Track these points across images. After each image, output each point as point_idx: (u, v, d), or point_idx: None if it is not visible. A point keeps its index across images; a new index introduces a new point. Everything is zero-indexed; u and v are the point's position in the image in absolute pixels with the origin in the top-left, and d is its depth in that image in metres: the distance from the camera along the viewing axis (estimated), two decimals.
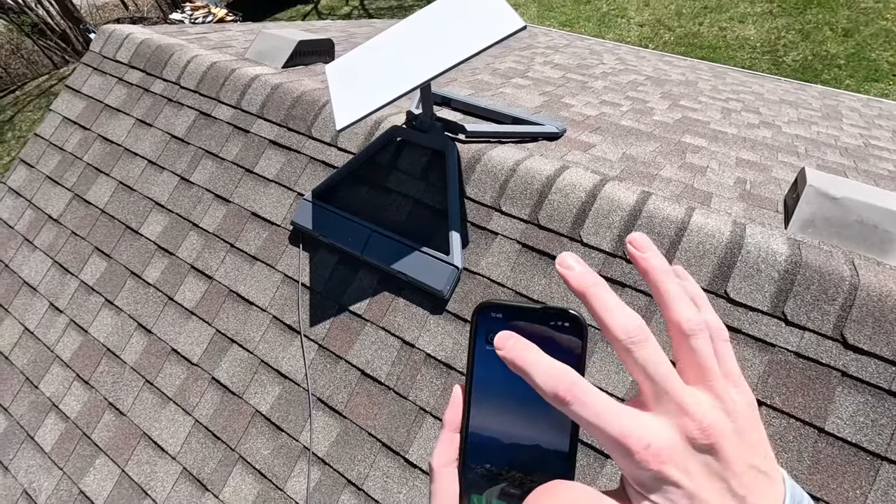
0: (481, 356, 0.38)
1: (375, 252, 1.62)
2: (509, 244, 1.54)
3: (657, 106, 2.72)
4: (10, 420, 1.99)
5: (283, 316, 1.72)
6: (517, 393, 0.37)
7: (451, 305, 1.54)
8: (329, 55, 2.53)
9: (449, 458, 0.37)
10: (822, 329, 1.20)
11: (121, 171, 2.22)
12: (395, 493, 1.43)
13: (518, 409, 0.37)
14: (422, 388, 1.50)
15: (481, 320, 0.38)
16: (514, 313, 0.38)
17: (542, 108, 2.37)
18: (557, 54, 3.84)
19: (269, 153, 1.97)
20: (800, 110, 3.23)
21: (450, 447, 0.38)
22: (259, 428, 1.63)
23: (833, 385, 1.17)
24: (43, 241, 2.24)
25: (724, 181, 1.76)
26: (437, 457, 0.38)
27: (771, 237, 1.32)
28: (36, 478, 1.85)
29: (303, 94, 2.00)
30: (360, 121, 1.36)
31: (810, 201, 1.42)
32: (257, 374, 1.69)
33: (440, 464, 0.37)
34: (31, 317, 2.11)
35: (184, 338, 1.83)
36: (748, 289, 1.28)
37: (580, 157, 1.80)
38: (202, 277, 1.89)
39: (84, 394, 1.90)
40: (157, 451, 1.73)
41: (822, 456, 1.14)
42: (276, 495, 1.54)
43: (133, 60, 2.41)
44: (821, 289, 1.22)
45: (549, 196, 1.53)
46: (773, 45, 8.16)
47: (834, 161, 2.21)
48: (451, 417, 0.38)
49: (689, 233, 1.37)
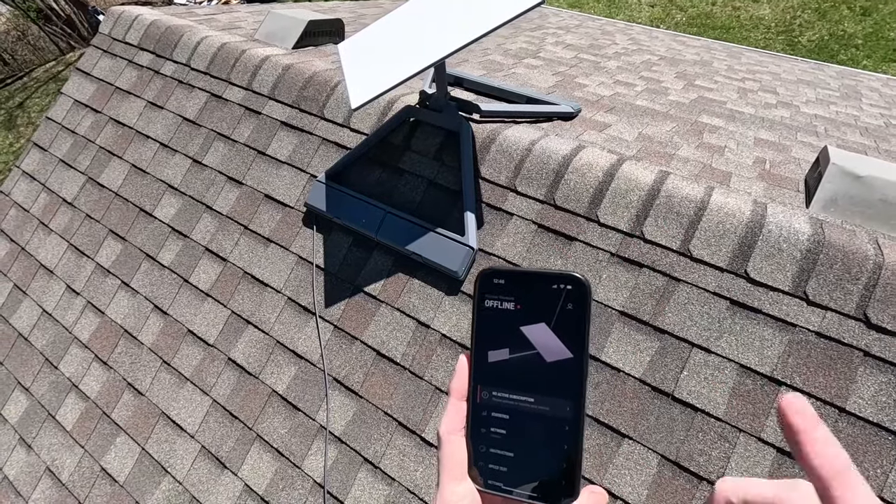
0: (484, 323, 0.38)
1: (390, 233, 1.62)
2: (525, 225, 1.53)
3: (672, 86, 2.68)
4: (32, 399, 2.02)
5: (298, 297, 1.73)
6: (521, 360, 0.37)
7: (466, 286, 1.53)
8: (339, 35, 2.50)
9: (456, 425, 0.38)
10: (845, 309, 1.19)
11: (133, 154, 2.22)
12: (411, 471, 1.45)
13: (523, 375, 0.36)
14: (437, 369, 1.50)
15: (483, 287, 0.38)
16: (516, 279, 0.37)
17: (556, 88, 2.34)
18: (569, 34, 3.77)
19: (282, 135, 1.96)
20: (818, 90, 3.16)
21: (457, 415, 0.38)
22: (276, 407, 1.65)
23: (855, 365, 1.16)
24: (58, 224, 2.26)
25: (742, 161, 1.73)
26: (445, 424, 0.38)
27: (793, 216, 1.30)
28: (58, 455, 1.89)
29: (314, 75, 1.98)
30: (376, 99, 1.35)
31: (833, 180, 1.39)
32: (273, 355, 1.71)
33: (447, 431, 0.38)
34: (49, 299, 2.14)
35: (199, 319, 1.85)
36: (769, 268, 1.26)
37: (596, 136, 1.77)
38: (217, 259, 1.90)
39: (103, 374, 1.93)
40: (176, 429, 1.76)
41: (843, 435, 1.13)
42: (294, 473, 1.57)
43: (143, 42, 2.40)
44: (844, 268, 1.20)
45: (566, 176, 1.51)
46: (789, 24, 7.97)
47: (854, 141, 2.16)
48: (457, 386, 0.39)
49: (708, 212, 1.35)
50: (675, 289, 1.33)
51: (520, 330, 0.36)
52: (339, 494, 1.49)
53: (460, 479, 0.36)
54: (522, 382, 0.36)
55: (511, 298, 0.37)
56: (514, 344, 0.37)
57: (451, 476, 0.36)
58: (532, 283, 0.37)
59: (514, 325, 0.37)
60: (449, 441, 0.37)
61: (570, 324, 0.35)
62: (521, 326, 0.36)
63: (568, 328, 0.35)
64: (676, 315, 1.32)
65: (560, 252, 1.47)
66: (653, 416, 1.28)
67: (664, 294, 1.34)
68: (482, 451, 0.37)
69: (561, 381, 0.35)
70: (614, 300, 1.38)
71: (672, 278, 1.34)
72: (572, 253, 1.45)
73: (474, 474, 0.37)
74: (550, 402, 0.35)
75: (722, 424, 1.22)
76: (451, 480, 0.36)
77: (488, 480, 0.36)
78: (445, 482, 0.36)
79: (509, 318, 0.37)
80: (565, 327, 0.35)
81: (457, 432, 0.38)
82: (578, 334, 0.35)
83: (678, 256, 1.35)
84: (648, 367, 1.31)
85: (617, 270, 1.40)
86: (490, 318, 0.38)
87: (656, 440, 1.26)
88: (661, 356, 1.31)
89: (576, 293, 0.35)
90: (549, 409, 0.35)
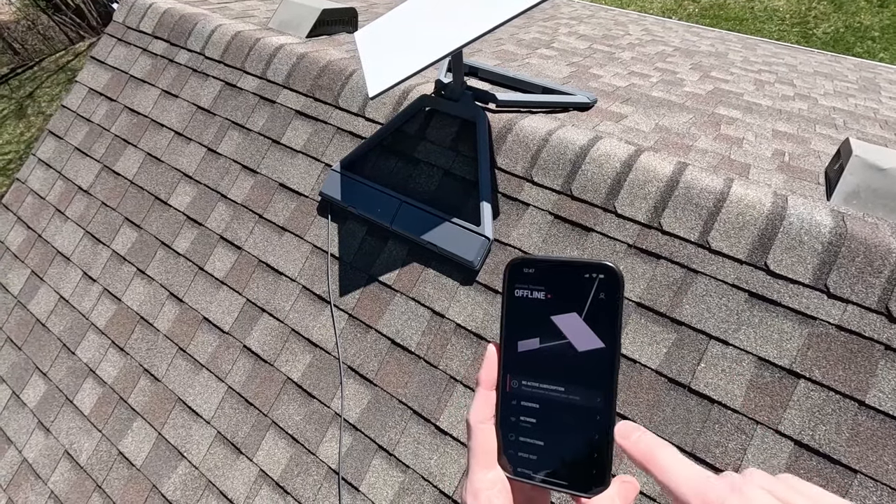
0: (514, 313, 0.38)
1: (405, 223, 1.62)
2: (541, 215, 1.52)
3: (688, 77, 2.64)
4: (50, 384, 2.05)
5: (313, 286, 1.74)
6: (552, 350, 0.37)
7: (481, 276, 1.53)
8: (352, 24, 2.49)
9: (486, 414, 0.38)
10: (867, 302, 1.18)
11: (148, 143, 2.23)
12: (425, 458, 1.46)
13: (554, 365, 0.37)
14: (452, 358, 1.51)
15: (513, 277, 0.38)
16: (547, 268, 0.37)
17: (570, 78, 2.32)
18: (582, 25, 3.73)
19: (296, 124, 1.96)
20: (835, 83, 3.11)
21: (486, 404, 0.38)
22: (291, 395, 1.67)
23: (876, 358, 1.15)
24: (74, 211, 2.27)
25: (761, 153, 1.71)
26: (474, 413, 0.38)
27: (814, 209, 1.28)
28: (77, 439, 1.93)
29: (329, 64, 1.97)
30: (393, 87, 1.34)
31: (855, 172, 1.37)
32: (288, 343, 1.72)
33: (477, 420, 0.38)
34: (66, 285, 2.16)
35: (215, 307, 1.86)
36: (790, 261, 1.25)
37: (612, 127, 1.76)
38: (231, 248, 1.91)
39: (119, 360, 1.96)
40: (192, 415, 1.78)
41: (862, 429, 1.13)
42: (309, 459, 1.58)
43: (157, 30, 2.40)
44: (866, 261, 1.19)
45: (583, 167, 1.50)
46: (804, 16, 7.83)
47: (874, 134, 2.13)
48: (486, 376, 0.39)
49: (728, 204, 1.34)
50: (692, 280, 1.33)
51: (550, 319, 0.37)
52: (354, 481, 1.51)
53: (490, 466, 0.37)
54: (553, 372, 0.37)
55: (542, 288, 0.37)
56: (544, 333, 0.37)
57: (481, 464, 0.37)
58: (563, 272, 0.37)
59: (544, 315, 0.37)
60: (479, 430, 0.38)
61: (602, 313, 0.35)
62: (552, 316, 0.37)
63: (599, 318, 0.35)
64: (694, 307, 1.31)
65: (576, 243, 1.46)
66: (669, 408, 1.28)
67: (682, 286, 1.34)
68: (511, 440, 0.37)
69: (592, 371, 0.35)
70: (631, 291, 1.38)
71: (690, 270, 1.34)
72: (589, 244, 1.45)
73: (504, 462, 0.37)
74: (581, 391, 0.35)
75: (739, 416, 1.22)
76: (480, 468, 0.37)
77: (517, 468, 0.37)
78: (475, 469, 0.37)
79: (540, 308, 0.37)
80: (597, 317, 0.35)
81: (486, 421, 0.38)
82: (610, 324, 0.35)
83: (696, 248, 1.34)
84: (665, 358, 1.31)
85: (634, 262, 1.39)
86: (520, 307, 0.38)
87: (672, 431, 1.26)
88: (677, 348, 1.30)
89: (608, 282, 0.35)
90: (579, 399, 0.35)
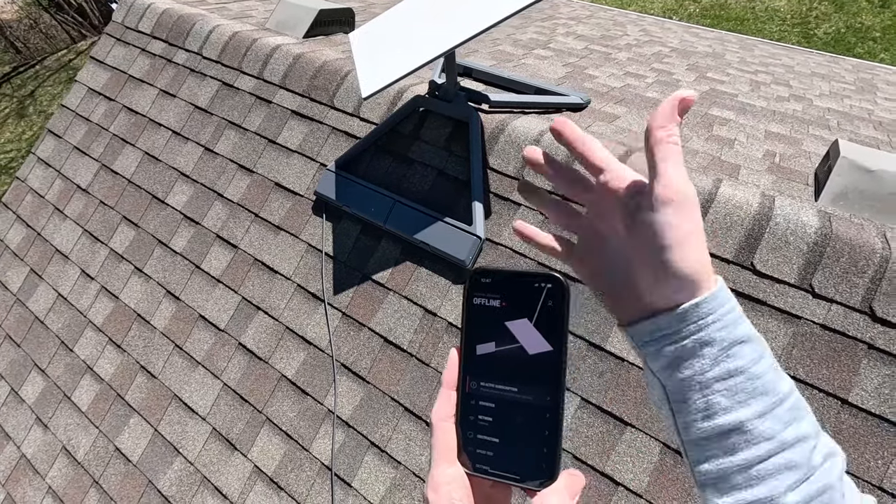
0: (473, 319, 0.41)
1: (398, 222, 1.63)
2: (532, 215, 1.54)
3: (683, 78, 2.66)
4: (48, 381, 2.08)
5: (308, 284, 1.76)
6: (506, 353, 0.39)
7: None
8: (349, 25, 2.50)
9: (447, 412, 0.40)
10: (851, 301, 1.19)
11: (146, 142, 2.25)
12: (417, 455, 1.48)
13: (508, 367, 0.39)
14: (444, 356, 1.52)
15: (472, 286, 0.41)
16: (502, 278, 0.40)
17: (566, 79, 2.33)
18: (580, 25, 3.74)
19: (292, 124, 1.97)
20: (832, 83, 3.12)
21: (448, 403, 0.40)
22: (285, 392, 1.69)
23: (859, 357, 1.16)
24: (73, 210, 2.30)
25: (752, 154, 1.72)
26: (437, 412, 0.40)
27: (801, 209, 1.30)
28: (74, 435, 1.95)
29: (325, 65, 1.99)
30: (386, 88, 1.36)
31: (843, 173, 1.39)
32: (283, 340, 1.74)
33: (439, 418, 0.40)
34: (64, 283, 2.19)
35: (211, 305, 1.88)
36: (775, 261, 1.26)
37: (605, 128, 1.77)
38: (227, 246, 1.93)
39: (117, 357, 1.98)
40: (188, 411, 1.80)
41: (845, 427, 1.15)
42: (302, 455, 1.60)
43: (155, 31, 2.42)
44: (851, 261, 1.21)
45: (574, 167, 1.52)
46: (805, 16, 7.83)
47: (867, 135, 2.14)
48: (448, 377, 0.41)
49: (716, 204, 1.35)
50: None
51: (505, 325, 0.39)
52: (347, 476, 1.53)
53: (451, 462, 0.39)
54: (507, 374, 0.39)
55: (497, 296, 0.40)
56: (499, 338, 0.39)
57: (442, 459, 0.39)
58: (516, 282, 0.39)
59: (499, 321, 0.39)
60: (440, 427, 0.40)
61: (550, 319, 0.38)
62: (506, 322, 0.39)
63: (548, 323, 0.38)
64: None
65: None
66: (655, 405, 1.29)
67: None
68: (470, 437, 0.39)
69: (542, 373, 0.37)
70: None
71: None
72: None
73: (463, 459, 0.39)
74: (532, 391, 0.38)
75: None
76: (441, 463, 0.39)
77: (476, 464, 0.39)
78: (437, 464, 0.39)
79: (495, 315, 0.40)
80: (545, 322, 0.38)
81: (447, 419, 0.40)
82: (557, 329, 0.37)
83: None
84: None
85: None
86: (478, 314, 0.40)
87: (659, 428, 1.28)
88: None
89: (555, 291, 0.38)
90: (531, 399, 0.38)
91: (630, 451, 1.29)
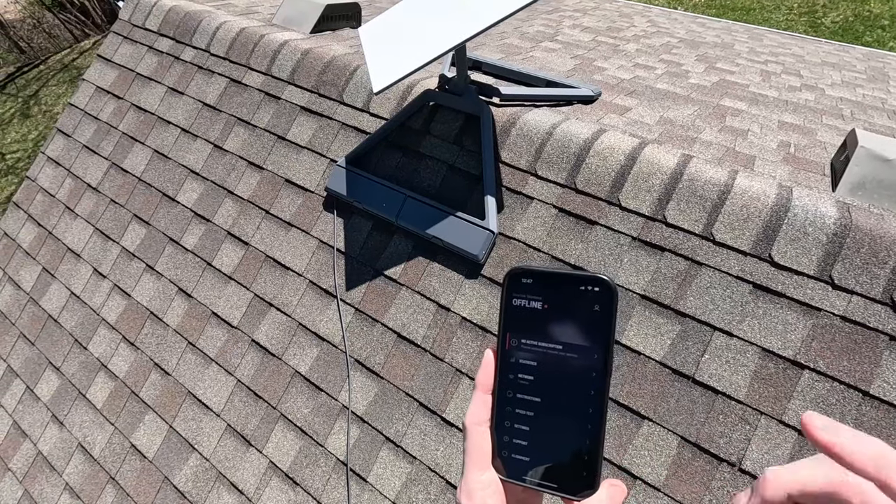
0: (511, 321, 0.39)
1: (410, 217, 1.63)
2: (545, 209, 1.53)
3: (693, 69, 2.63)
4: (63, 379, 2.09)
5: (320, 280, 1.76)
6: (547, 356, 0.38)
7: (486, 270, 1.55)
8: (356, 19, 2.49)
9: (482, 417, 0.39)
10: (871, 293, 1.18)
11: (155, 140, 2.25)
12: (432, 450, 1.48)
13: (548, 371, 0.38)
14: (458, 351, 1.52)
15: (512, 286, 0.39)
16: (544, 279, 0.39)
17: (575, 71, 2.31)
18: (586, 17, 3.71)
19: (301, 119, 1.97)
20: (843, 72, 3.08)
21: (483, 407, 0.39)
22: (299, 388, 1.69)
23: (880, 349, 1.15)
24: (84, 208, 2.30)
25: (766, 144, 1.70)
26: (471, 416, 0.39)
27: (819, 200, 1.28)
28: (90, 432, 1.96)
29: (333, 60, 1.98)
30: (398, 83, 1.35)
31: (861, 163, 1.37)
32: (296, 337, 1.74)
33: (473, 422, 0.39)
34: (77, 282, 2.20)
35: (223, 302, 1.89)
36: (794, 252, 1.25)
37: (617, 120, 1.76)
38: (238, 243, 1.93)
39: (130, 354, 1.99)
40: (202, 408, 1.81)
41: (866, 419, 1.14)
42: (317, 451, 1.61)
43: (162, 28, 2.41)
44: (871, 252, 1.19)
45: (587, 160, 1.51)
46: (812, 5, 7.73)
47: (882, 124, 2.12)
48: (483, 380, 0.40)
49: (732, 196, 1.34)
50: (697, 273, 1.33)
51: (546, 329, 0.38)
52: (362, 472, 1.53)
53: (484, 468, 0.38)
54: (547, 378, 0.38)
55: (539, 298, 0.38)
56: (540, 341, 0.38)
57: (476, 465, 0.38)
58: (560, 283, 0.38)
59: (540, 324, 0.38)
60: (474, 432, 0.39)
61: (596, 325, 0.36)
62: (548, 326, 0.38)
63: (593, 329, 0.36)
64: (698, 299, 1.32)
65: (581, 236, 1.47)
66: (673, 399, 1.29)
67: (686, 278, 1.34)
68: (505, 443, 0.38)
69: (584, 381, 0.36)
70: (635, 284, 1.38)
71: (694, 262, 1.34)
72: (593, 237, 1.46)
73: (497, 464, 0.38)
74: (573, 398, 0.36)
75: (743, 407, 1.23)
76: (475, 469, 0.38)
77: (510, 470, 0.38)
78: (470, 470, 0.38)
79: (536, 317, 0.38)
80: (591, 329, 0.36)
81: (482, 423, 0.39)
82: (604, 336, 0.36)
83: (700, 240, 1.35)
84: (669, 350, 1.32)
85: (638, 254, 1.40)
86: (517, 316, 0.39)
87: (676, 422, 1.27)
88: (681, 339, 1.31)
89: (603, 295, 0.36)
90: (572, 405, 0.36)
91: (647, 444, 1.28)
